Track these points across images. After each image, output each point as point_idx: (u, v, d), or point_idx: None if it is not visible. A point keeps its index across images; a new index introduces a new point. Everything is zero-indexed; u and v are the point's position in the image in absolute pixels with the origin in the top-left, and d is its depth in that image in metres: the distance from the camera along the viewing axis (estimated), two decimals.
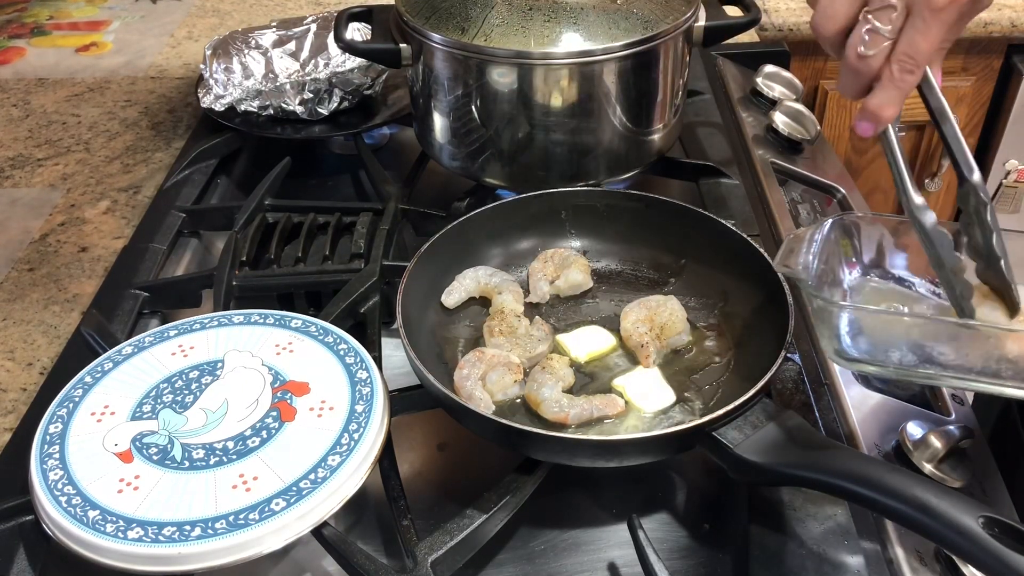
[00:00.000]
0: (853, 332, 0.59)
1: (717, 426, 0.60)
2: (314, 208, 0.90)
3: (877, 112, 0.58)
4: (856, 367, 0.60)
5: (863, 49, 0.56)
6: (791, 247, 0.64)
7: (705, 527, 0.64)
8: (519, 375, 0.69)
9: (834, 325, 0.59)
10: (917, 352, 0.58)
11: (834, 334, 0.59)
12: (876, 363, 0.59)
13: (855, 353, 0.59)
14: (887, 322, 0.61)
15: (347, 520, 0.65)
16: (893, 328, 0.60)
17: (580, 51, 0.80)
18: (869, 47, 0.56)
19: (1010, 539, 0.48)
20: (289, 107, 1.04)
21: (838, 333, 0.59)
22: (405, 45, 0.87)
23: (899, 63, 0.56)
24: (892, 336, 0.59)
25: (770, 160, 1.01)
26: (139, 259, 0.89)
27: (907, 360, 0.58)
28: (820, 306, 0.59)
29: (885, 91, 0.57)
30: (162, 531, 0.54)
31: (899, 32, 0.56)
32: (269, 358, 0.68)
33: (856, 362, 0.59)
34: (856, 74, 0.58)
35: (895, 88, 0.57)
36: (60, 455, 0.59)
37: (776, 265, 0.64)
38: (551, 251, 0.81)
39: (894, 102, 0.58)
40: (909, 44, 0.56)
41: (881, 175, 1.60)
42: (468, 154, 0.90)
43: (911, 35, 0.55)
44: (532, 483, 0.62)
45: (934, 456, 0.63)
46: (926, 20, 0.55)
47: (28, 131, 1.14)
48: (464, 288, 0.77)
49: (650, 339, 0.72)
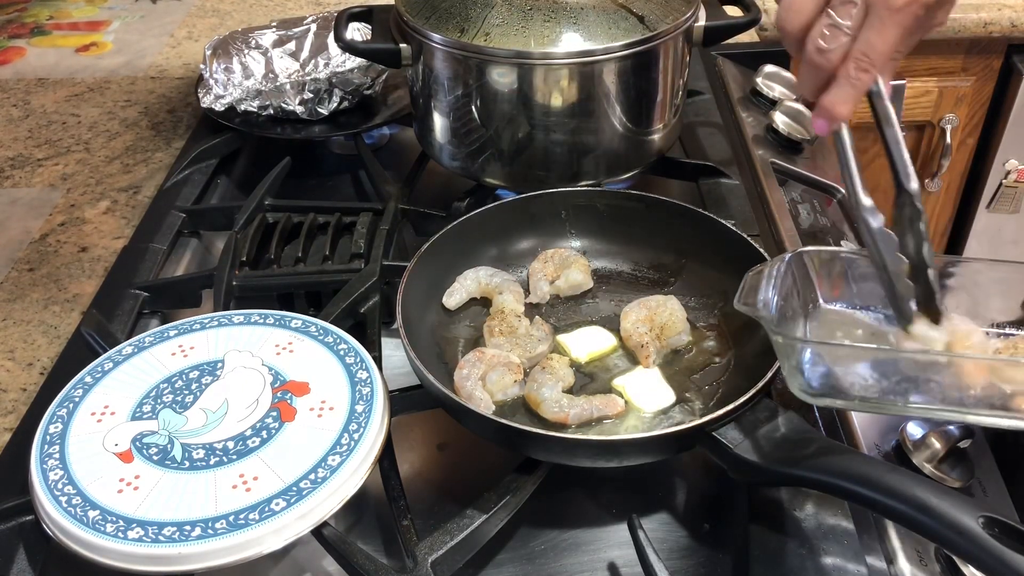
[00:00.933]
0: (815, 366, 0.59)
1: (717, 426, 0.60)
2: (314, 208, 0.90)
3: (831, 109, 0.59)
4: (822, 402, 0.60)
5: (823, 43, 0.57)
6: (752, 284, 0.65)
7: (705, 527, 0.64)
8: (519, 375, 0.69)
9: (797, 361, 0.59)
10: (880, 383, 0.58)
11: (798, 370, 0.59)
12: (841, 397, 0.59)
13: (819, 388, 0.59)
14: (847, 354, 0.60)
15: (347, 520, 0.65)
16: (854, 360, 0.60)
17: (580, 51, 0.80)
18: (829, 41, 0.57)
19: (1010, 539, 0.48)
20: (289, 107, 1.04)
21: (801, 368, 0.59)
22: (405, 45, 0.87)
23: (855, 61, 0.57)
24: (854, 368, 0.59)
25: (770, 160, 1.01)
26: (139, 259, 0.89)
27: (870, 393, 0.58)
28: (781, 343, 0.59)
29: (841, 88, 0.58)
30: (162, 531, 0.54)
31: (858, 30, 0.57)
32: (269, 358, 0.68)
33: (821, 396, 0.59)
34: (815, 69, 0.59)
35: (850, 86, 0.58)
36: (60, 455, 0.59)
37: (736, 304, 0.64)
38: (551, 251, 0.81)
39: (848, 100, 0.59)
40: (866, 43, 0.57)
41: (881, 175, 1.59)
42: (468, 154, 0.90)
43: (868, 34, 0.56)
44: (532, 483, 0.62)
45: (934, 456, 0.63)
46: (883, 20, 0.56)
47: (28, 131, 1.14)
48: (465, 289, 0.77)
49: (650, 339, 0.72)
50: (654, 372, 0.71)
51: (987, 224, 1.63)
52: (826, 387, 0.59)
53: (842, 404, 0.60)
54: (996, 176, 1.57)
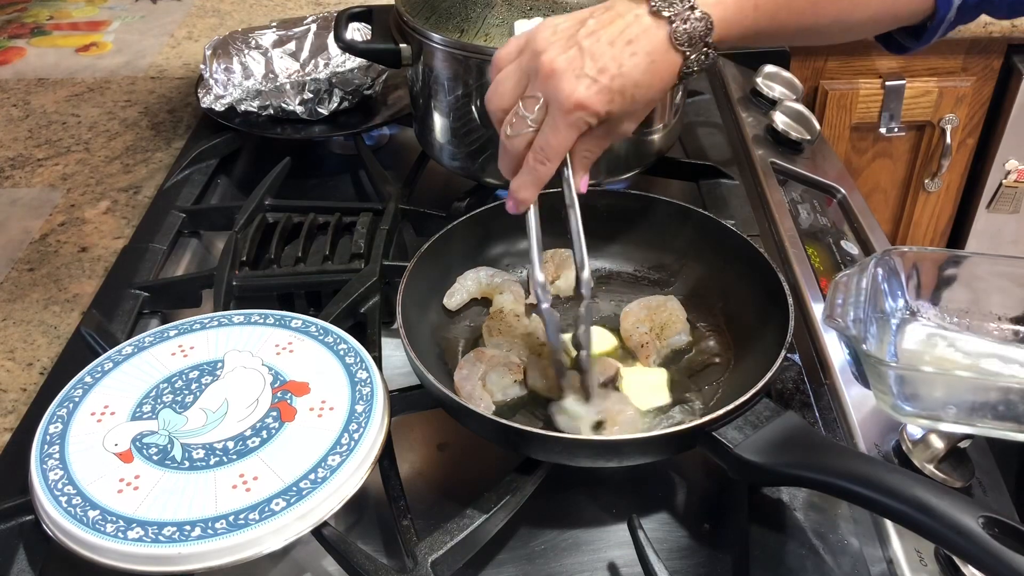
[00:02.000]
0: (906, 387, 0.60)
1: (717, 426, 0.60)
2: (314, 208, 0.90)
3: (515, 192, 0.64)
4: (914, 422, 0.61)
5: (509, 131, 0.62)
6: (836, 296, 0.65)
7: (705, 527, 0.64)
8: (519, 375, 0.69)
9: (887, 380, 0.59)
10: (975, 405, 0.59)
11: (888, 390, 0.59)
12: (934, 418, 0.60)
13: (911, 408, 0.60)
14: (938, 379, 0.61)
15: (347, 520, 0.65)
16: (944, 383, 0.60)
17: None
18: (515, 129, 0.61)
19: (1010, 539, 0.48)
20: (289, 107, 1.04)
21: (891, 389, 0.59)
22: (405, 45, 0.87)
23: (534, 153, 0.61)
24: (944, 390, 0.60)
25: (770, 160, 1.01)
26: (139, 259, 0.89)
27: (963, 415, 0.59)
28: (872, 365, 0.60)
29: (523, 175, 0.63)
30: (162, 531, 0.54)
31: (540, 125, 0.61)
32: (269, 358, 0.67)
33: (914, 417, 0.60)
34: (505, 152, 0.63)
35: (530, 174, 0.62)
36: (60, 455, 0.59)
37: (824, 320, 0.65)
38: (550, 251, 0.81)
39: (529, 185, 0.63)
40: (543, 137, 0.61)
41: (881, 175, 1.60)
42: (468, 154, 0.90)
43: (545, 131, 0.61)
44: (532, 483, 0.62)
45: (934, 456, 0.63)
46: (556, 121, 0.60)
47: (28, 131, 1.14)
48: (465, 289, 0.77)
49: (650, 339, 0.72)
50: (658, 373, 0.71)
51: (987, 224, 1.64)
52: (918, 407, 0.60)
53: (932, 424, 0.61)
54: (996, 176, 1.57)
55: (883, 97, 1.48)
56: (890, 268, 0.69)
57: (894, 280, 0.69)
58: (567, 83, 0.59)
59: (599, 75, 0.59)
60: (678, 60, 0.61)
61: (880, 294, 0.68)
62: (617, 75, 0.59)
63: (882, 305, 0.68)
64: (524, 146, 0.62)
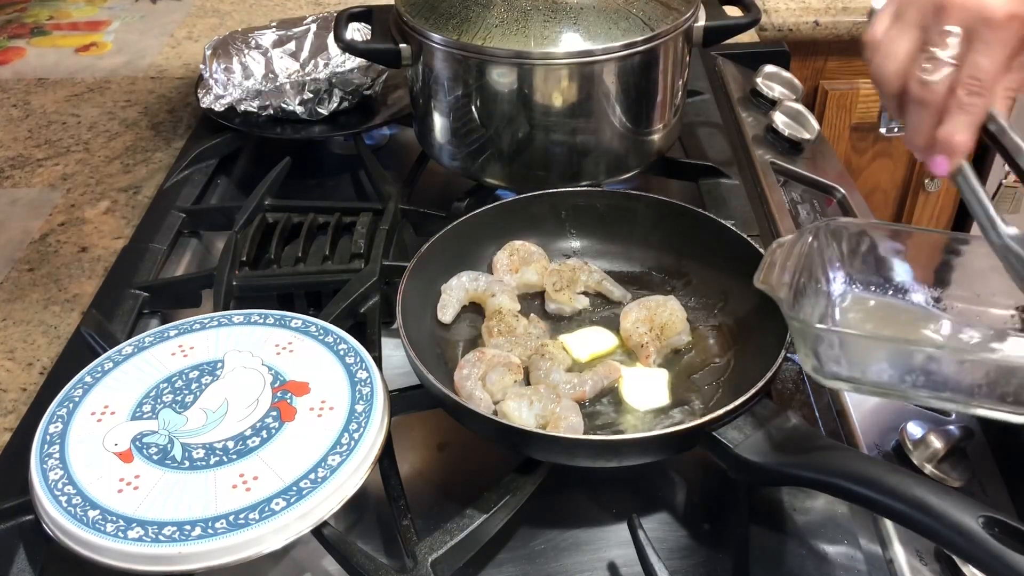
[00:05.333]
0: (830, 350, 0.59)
1: (717, 426, 0.60)
2: (314, 208, 0.90)
3: (949, 140, 0.56)
4: (833, 384, 0.60)
5: (925, 76, 0.56)
6: (772, 260, 0.64)
7: (705, 527, 0.64)
8: (519, 375, 0.69)
9: (812, 344, 0.59)
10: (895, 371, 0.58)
11: (812, 352, 0.59)
12: (853, 380, 0.59)
13: (832, 370, 0.59)
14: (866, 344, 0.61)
15: (347, 520, 0.65)
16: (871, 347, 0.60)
17: (580, 51, 0.80)
18: (932, 74, 0.55)
19: (1010, 539, 0.48)
20: (289, 107, 1.04)
21: (816, 351, 0.59)
22: (405, 45, 0.87)
23: (965, 87, 0.55)
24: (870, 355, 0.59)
25: (770, 160, 1.01)
26: (139, 259, 0.89)
27: (884, 379, 0.58)
28: (796, 327, 0.60)
29: (955, 118, 0.56)
30: (162, 531, 0.54)
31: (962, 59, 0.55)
32: (269, 358, 0.68)
33: (833, 379, 0.59)
34: (922, 107, 0.57)
35: (964, 113, 0.56)
36: (60, 455, 0.59)
37: (756, 281, 0.64)
38: (518, 243, 0.80)
39: (965, 128, 0.56)
40: (973, 66, 0.55)
41: (881, 175, 1.60)
42: (468, 154, 0.90)
43: (973, 57, 0.55)
44: (532, 483, 0.62)
45: (934, 456, 0.63)
46: (986, 40, 0.54)
47: (28, 131, 1.14)
48: (456, 299, 0.76)
49: (650, 339, 0.72)
50: (658, 373, 0.71)
51: None
52: (839, 371, 0.59)
53: (851, 388, 0.60)
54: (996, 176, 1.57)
55: None
56: (830, 235, 0.68)
57: (832, 249, 0.68)
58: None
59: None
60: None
61: (816, 262, 0.67)
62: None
63: (818, 273, 0.67)
64: (947, 89, 0.55)
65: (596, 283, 0.79)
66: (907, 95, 0.57)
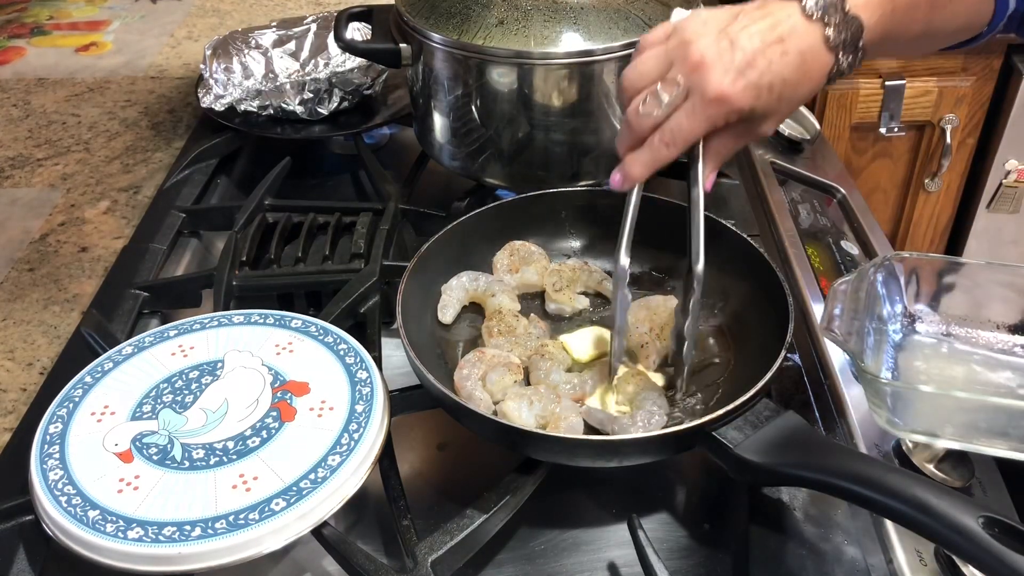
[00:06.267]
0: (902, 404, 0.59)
1: (717, 426, 0.60)
2: (314, 208, 0.90)
3: (628, 167, 0.64)
4: (911, 437, 0.61)
5: (641, 108, 0.62)
6: (835, 305, 0.64)
7: (705, 527, 0.64)
8: (519, 375, 0.69)
9: (883, 396, 0.59)
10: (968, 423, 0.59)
11: (883, 405, 0.59)
12: (930, 434, 0.60)
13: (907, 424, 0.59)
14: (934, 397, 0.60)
15: (347, 520, 0.65)
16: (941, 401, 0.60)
17: (580, 51, 0.80)
18: (646, 108, 0.62)
19: (1010, 539, 0.48)
20: (289, 107, 1.04)
21: (887, 405, 0.59)
22: (405, 45, 0.87)
23: (661, 134, 0.62)
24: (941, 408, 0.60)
25: (770, 160, 1.01)
26: (139, 259, 0.89)
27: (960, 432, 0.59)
28: (868, 380, 0.60)
29: (642, 153, 0.63)
30: (162, 531, 0.54)
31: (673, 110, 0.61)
32: (269, 358, 0.67)
33: (910, 432, 0.60)
34: (629, 129, 0.63)
35: (651, 153, 0.63)
36: (60, 455, 0.59)
37: (821, 330, 0.64)
38: (518, 243, 0.81)
39: (646, 164, 0.63)
40: (675, 121, 0.61)
41: (881, 175, 1.60)
42: (468, 154, 0.90)
43: (679, 116, 0.61)
44: (532, 483, 0.62)
45: (934, 456, 0.63)
46: (694, 106, 0.60)
47: (28, 131, 1.14)
48: (456, 299, 0.76)
49: (650, 339, 0.72)
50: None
51: (987, 224, 1.64)
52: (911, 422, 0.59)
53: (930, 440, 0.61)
54: (996, 176, 1.57)
55: (883, 97, 1.48)
56: (889, 274, 0.68)
57: (893, 286, 0.68)
58: (714, 74, 0.59)
59: (747, 69, 0.59)
60: (829, 61, 0.61)
61: (878, 301, 0.67)
62: (766, 71, 0.59)
63: (880, 312, 0.67)
64: (650, 127, 0.62)
65: (596, 283, 0.79)
66: (626, 112, 0.63)
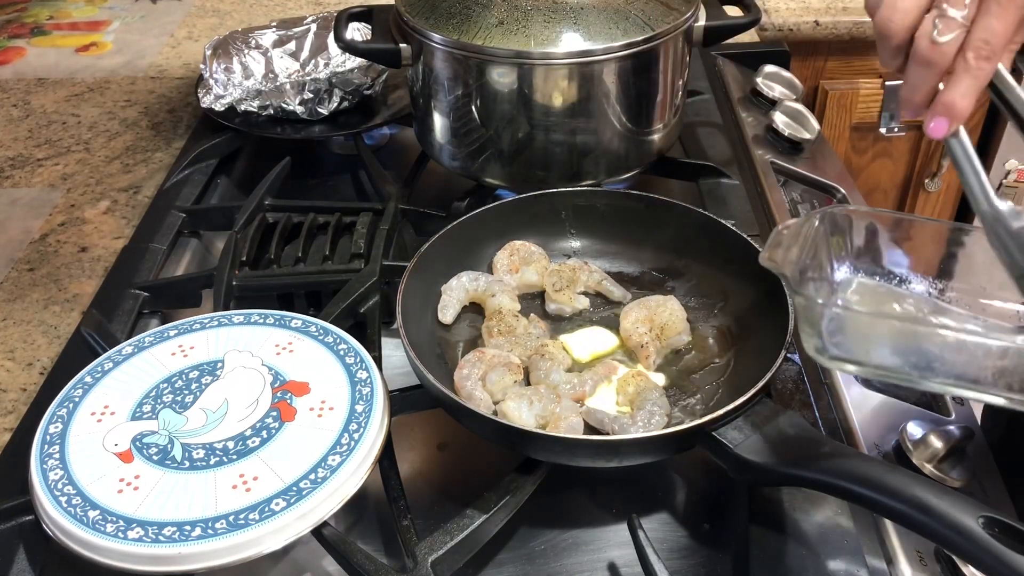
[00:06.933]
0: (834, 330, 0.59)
1: (717, 426, 0.60)
2: (314, 208, 0.90)
3: (952, 104, 0.55)
4: (835, 365, 0.59)
5: (936, 36, 0.54)
6: (778, 240, 0.64)
7: (705, 527, 0.64)
8: (519, 375, 0.69)
9: (816, 322, 0.58)
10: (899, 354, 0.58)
11: (815, 331, 0.58)
12: (855, 362, 0.58)
13: (835, 351, 0.59)
14: (870, 322, 0.60)
15: (347, 520, 0.65)
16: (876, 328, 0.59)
17: (580, 51, 0.80)
18: (943, 33, 0.53)
19: (1010, 539, 0.48)
20: (289, 107, 1.04)
21: (819, 330, 0.58)
22: (405, 45, 0.87)
23: (975, 49, 0.53)
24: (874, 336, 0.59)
25: (770, 160, 1.01)
26: (139, 259, 0.89)
27: (888, 362, 0.58)
28: (801, 303, 0.59)
29: (961, 82, 0.54)
30: (162, 531, 0.54)
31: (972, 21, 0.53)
32: (269, 358, 0.67)
33: (836, 360, 0.59)
34: (928, 67, 0.55)
35: (971, 77, 0.54)
36: (60, 455, 0.59)
37: (761, 258, 0.63)
38: (518, 243, 0.81)
39: (970, 93, 0.54)
40: (985, 28, 0.53)
41: (881, 175, 1.60)
42: (468, 154, 0.90)
43: (986, 19, 0.53)
44: (532, 483, 0.62)
45: (934, 456, 0.63)
46: (1001, 3, 0.53)
47: (28, 131, 1.14)
48: (456, 299, 0.76)
49: (650, 339, 0.72)
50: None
51: None
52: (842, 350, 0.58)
53: (855, 369, 0.59)
54: (996, 176, 1.57)
55: (883, 97, 1.48)
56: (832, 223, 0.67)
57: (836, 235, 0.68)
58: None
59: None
60: None
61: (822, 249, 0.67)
62: None
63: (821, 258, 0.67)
64: (955, 50, 0.54)
65: (596, 283, 0.79)
66: (912, 52, 0.55)
